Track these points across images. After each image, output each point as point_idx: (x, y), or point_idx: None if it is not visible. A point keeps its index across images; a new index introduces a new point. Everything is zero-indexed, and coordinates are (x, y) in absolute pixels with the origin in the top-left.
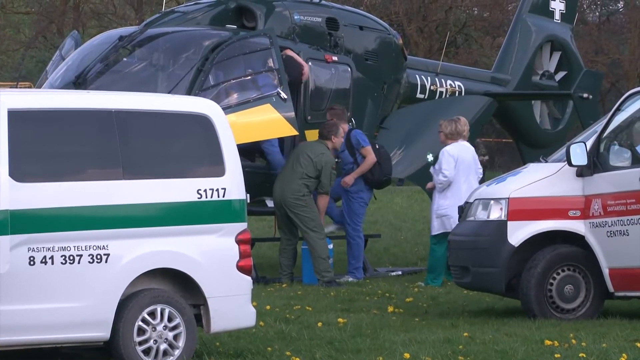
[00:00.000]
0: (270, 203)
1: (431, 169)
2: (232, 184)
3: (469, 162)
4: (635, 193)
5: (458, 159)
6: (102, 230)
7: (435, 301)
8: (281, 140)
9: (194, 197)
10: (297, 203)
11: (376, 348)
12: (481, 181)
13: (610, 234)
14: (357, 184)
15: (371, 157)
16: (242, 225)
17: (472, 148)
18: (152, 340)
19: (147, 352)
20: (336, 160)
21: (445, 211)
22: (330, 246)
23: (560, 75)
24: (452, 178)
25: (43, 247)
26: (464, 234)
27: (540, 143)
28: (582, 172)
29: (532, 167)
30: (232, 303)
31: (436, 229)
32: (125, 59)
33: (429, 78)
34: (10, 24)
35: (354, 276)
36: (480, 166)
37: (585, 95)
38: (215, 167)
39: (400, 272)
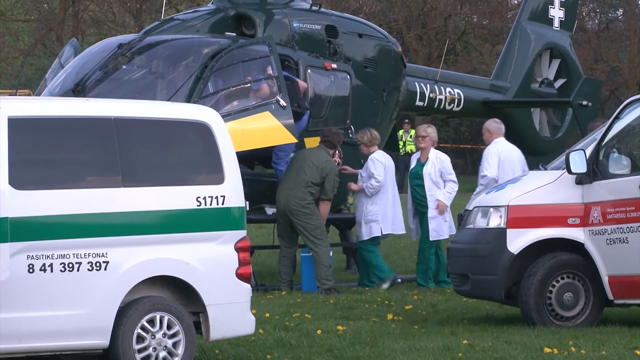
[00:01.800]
0: (269, 210)
1: (360, 175)
2: (231, 191)
3: (394, 169)
4: (634, 201)
5: (386, 165)
6: (102, 238)
7: (434, 309)
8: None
9: (193, 205)
10: (302, 211)
11: (375, 356)
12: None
13: (610, 241)
14: None
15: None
16: (242, 233)
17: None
18: (151, 348)
19: (146, 359)
20: (339, 169)
21: (374, 216)
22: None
23: (559, 82)
24: (384, 183)
25: (42, 255)
26: (464, 241)
27: (540, 150)
28: (581, 179)
29: (531, 174)
30: (231, 310)
31: (365, 234)
32: (124, 67)
33: (428, 85)
34: (10, 31)
35: None
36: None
37: (584, 102)
38: (215, 174)
39: (399, 280)
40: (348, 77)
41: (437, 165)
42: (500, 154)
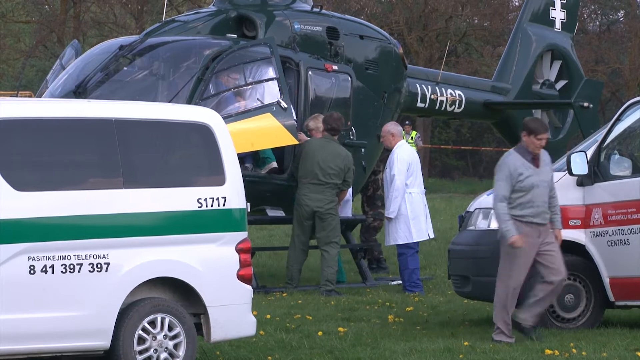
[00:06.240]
0: (270, 212)
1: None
2: (232, 193)
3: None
4: (635, 202)
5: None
6: (103, 239)
7: (435, 310)
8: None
9: (194, 206)
10: (330, 212)
11: (376, 357)
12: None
13: (611, 243)
14: None
15: None
16: (243, 234)
17: None
18: (152, 350)
19: None
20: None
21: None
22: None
23: (560, 84)
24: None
25: (43, 256)
26: (465, 243)
27: None
28: (582, 181)
29: None
30: (232, 312)
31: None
32: (125, 68)
33: (429, 87)
34: (11, 33)
35: None
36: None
37: (585, 104)
38: (216, 176)
39: (400, 281)
40: (349, 78)
41: None
42: (408, 157)
